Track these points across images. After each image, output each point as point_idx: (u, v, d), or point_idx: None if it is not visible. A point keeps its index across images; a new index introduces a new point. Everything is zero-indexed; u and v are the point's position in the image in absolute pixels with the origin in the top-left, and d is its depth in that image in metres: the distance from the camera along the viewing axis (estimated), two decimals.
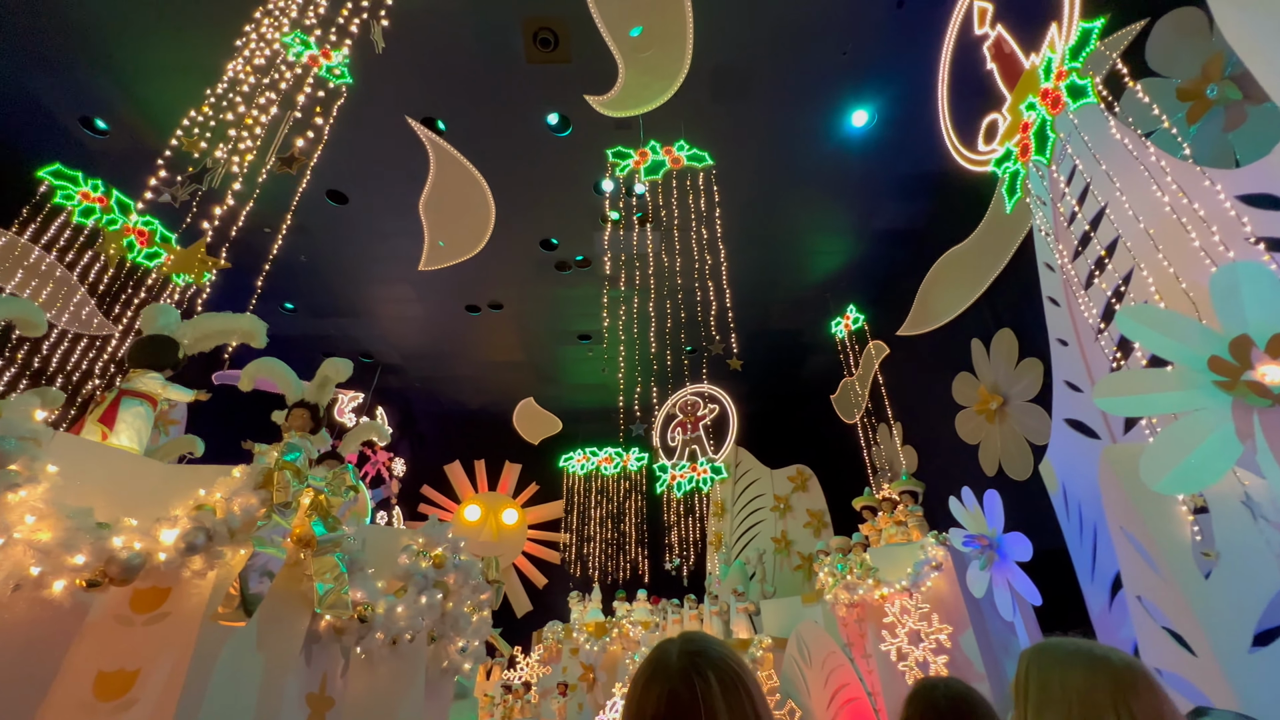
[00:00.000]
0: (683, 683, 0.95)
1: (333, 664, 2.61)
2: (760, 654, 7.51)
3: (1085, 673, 1.19)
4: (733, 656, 1.03)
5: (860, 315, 10.11)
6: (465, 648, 3.27)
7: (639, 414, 9.42)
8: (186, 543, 1.86)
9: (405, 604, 2.73)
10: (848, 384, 11.16)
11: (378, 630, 2.55)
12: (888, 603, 5.83)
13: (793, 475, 11.13)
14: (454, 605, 3.19)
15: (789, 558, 10.44)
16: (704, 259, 7.42)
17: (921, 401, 9.22)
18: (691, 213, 7.37)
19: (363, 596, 2.52)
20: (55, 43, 6.51)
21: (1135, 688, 1.14)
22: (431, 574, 3.03)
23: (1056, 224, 4.36)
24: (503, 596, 3.82)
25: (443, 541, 3.20)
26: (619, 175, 6.50)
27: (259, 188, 6.34)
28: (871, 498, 7.48)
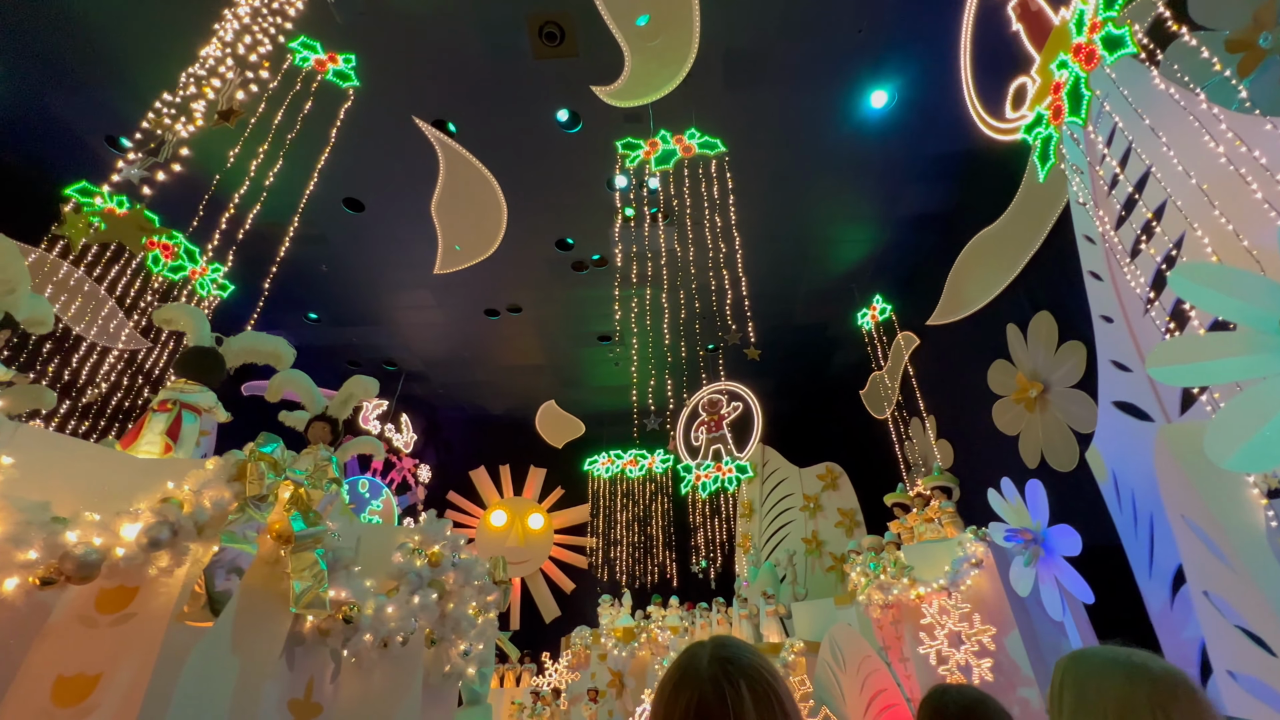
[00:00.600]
0: (713, 690, 0.93)
1: (320, 668, 2.50)
2: (792, 658, 7.22)
3: (1123, 681, 1.15)
4: (765, 664, 1.01)
5: (887, 305, 9.75)
6: (468, 651, 3.12)
7: (653, 406, 9.19)
8: (149, 538, 1.76)
9: (396, 604, 2.60)
10: (877, 378, 10.78)
11: (366, 632, 2.42)
12: (925, 603, 5.50)
13: (822, 473, 10.78)
14: (455, 606, 3.05)
15: (821, 559, 10.09)
16: (719, 248, 7.19)
17: (955, 393, 8.82)
18: (705, 202, 7.18)
19: (347, 596, 2.39)
20: (78, 65, 6.69)
21: (1175, 695, 1.10)
22: (426, 573, 2.91)
23: (1096, 190, 4.03)
24: (507, 598, 3.64)
25: (440, 539, 3.07)
26: (629, 166, 6.36)
27: (261, 187, 6.32)
28: (904, 494, 7.14)
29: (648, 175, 7.58)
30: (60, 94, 6.90)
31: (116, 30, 6.36)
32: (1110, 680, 1.17)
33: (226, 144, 6.44)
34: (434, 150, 7.47)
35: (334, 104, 6.21)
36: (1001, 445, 7.45)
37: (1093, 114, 3.82)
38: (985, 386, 7.76)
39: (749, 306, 8.21)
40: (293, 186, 8.36)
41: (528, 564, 13.21)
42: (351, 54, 5.75)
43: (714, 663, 0.98)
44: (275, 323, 11.11)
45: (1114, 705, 1.13)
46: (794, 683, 7.10)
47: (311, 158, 7.62)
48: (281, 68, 5.50)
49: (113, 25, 6.31)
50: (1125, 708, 1.12)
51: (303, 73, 5.52)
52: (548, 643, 11.85)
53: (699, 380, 11.71)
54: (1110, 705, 1.14)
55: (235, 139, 6.23)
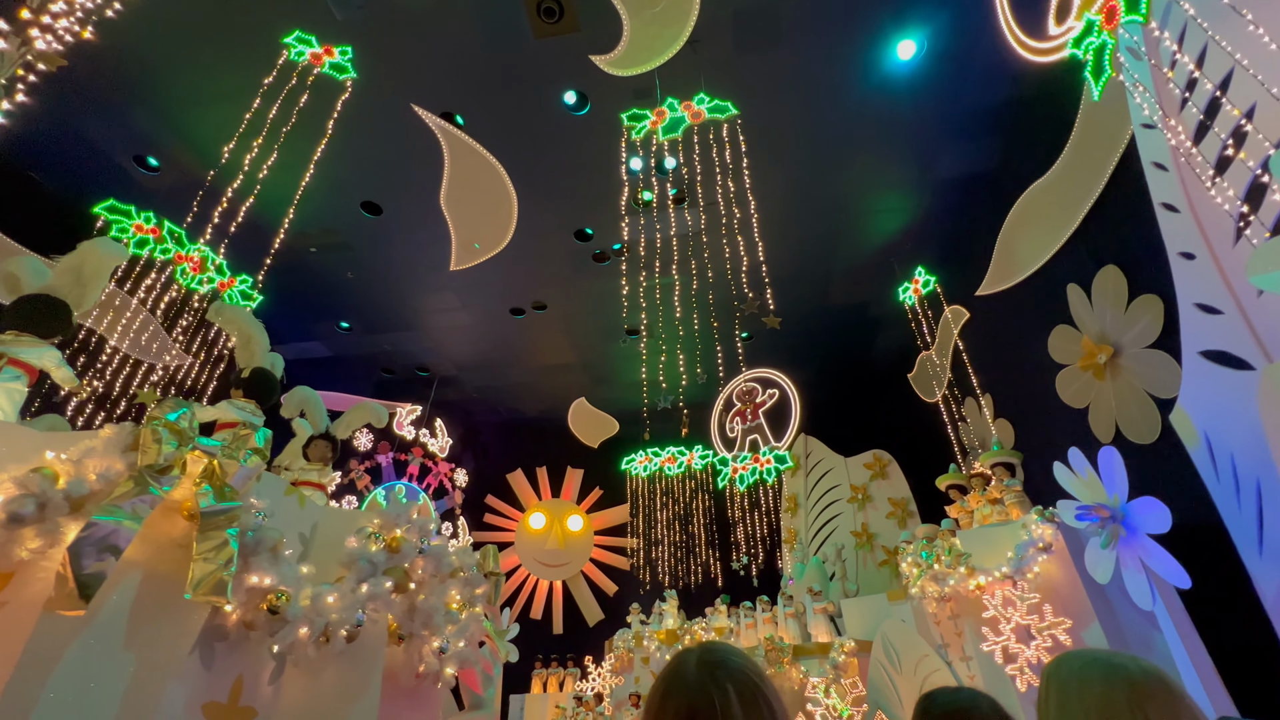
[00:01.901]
0: (700, 695, 0.94)
1: (254, 667, 2.26)
2: (843, 659, 6.67)
3: (1102, 683, 1.18)
4: (752, 668, 1.01)
5: (930, 277, 9.06)
6: (445, 648, 2.84)
7: (663, 383, 8.77)
8: (8, 513, 1.55)
9: (338, 593, 2.33)
10: (925, 358, 10.06)
11: (300, 624, 2.16)
12: (986, 594, 4.91)
13: (869, 462, 10.12)
14: (426, 598, 2.77)
15: (872, 552, 9.44)
16: (734, 215, 6.72)
17: (1013, 367, 8.07)
18: (726, 176, 6.76)
19: (274, 583, 2.13)
20: (103, 90, 6.88)
21: (1152, 694, 1.13)
22: (381, 559, 2.63)
23: (1165, 100, 3.44)
24: (499, 592, 3.35)
25: (404, 523, 2.80)
26: (635, 139, 6.04)
27: (257, 183, 6.29)
28: (959, 475, 6.50)
29: (664, 155, 7.25)
30: (89, 118, 7.13)
31: (135, 55, 6.50)
32: (1090, 682, 1.19)
33: (239, 150, 6.45)
34: (441, 144, 7.33)
35: (340, 102, 6.12)
36: (1069, 420, 6.71)
37: (1155, 8, 3.25)
38: (1046, 356, 7.03)
39: (771, 286, 7.72)
40: (312, 194, 8.45)
41: (568, 566, 13.01)
42: (348, 46, 5.65)
43: (701, 668, 0.99)
44: (309, 334, 11.33)
45: (1094, 707, 1.15)
46: (846, 685, 6.55)
47: (327, 160, 7.66)
48: (277, 62, 5.44)
49: (130, 50, 6.43)
50: (1105, 709, 1.14)
51: (298, 67, 5.44)
52: (591, 646, 11.60)
53: (735, 368, 11.24)
54: (1090, 707, 1.16)
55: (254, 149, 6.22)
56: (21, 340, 3.08)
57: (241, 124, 6.14)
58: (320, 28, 5.74)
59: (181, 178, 7.90)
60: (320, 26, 5.78)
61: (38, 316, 3.20)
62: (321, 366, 12.25)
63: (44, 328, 3.20)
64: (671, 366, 12.14)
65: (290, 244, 9.04)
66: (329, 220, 8.73)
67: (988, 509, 5.56)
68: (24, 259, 3.48)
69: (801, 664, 7.06)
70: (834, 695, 6.44)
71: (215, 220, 6.40)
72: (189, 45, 6.21)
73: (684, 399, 10.52)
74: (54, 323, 3.25)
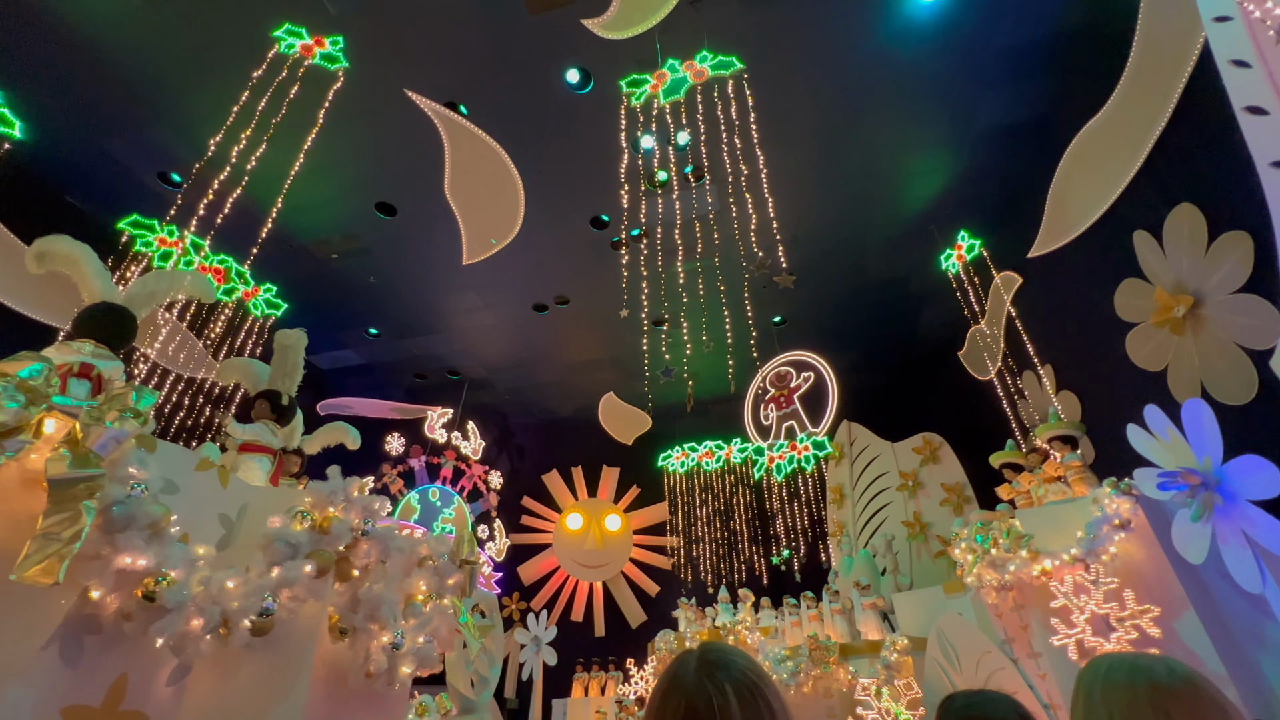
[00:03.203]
0: (699, 695, 0.94)
1: (144, 665, 1.99)
2: (895, 658, 6.10)
3: (1125, 684, 1.18)
4: (753, 668, 1.01)
5: (975, 241, 8.33)
6: (399, 644, 2.49)
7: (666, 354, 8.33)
8: None
9: (239, 578, 2.05)
10: (975, 333, 9.29)
11: (189, 614, 1.88)
12: (1053, 580, 4.29)
13: (918, 446, 9.40)
14: (372, 586, 2.47)
15: (927, 543, 8.74)
16: (743, 181, 6.22)
17: (1075, 333, 7.30)
18: (723, 129, 6.33)
19: (152, 565, 1.86)
20: (127, 109, 7.05)
21: (1176, 695, 1.11)
22: (304, 540, 2.35)
23: None
24: (474, 582, 3.03)
25: (338, 501, 2.51)
26: (635, 105, 5.70)
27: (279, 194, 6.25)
28: (1015, 452, 5.84)
29: (678, 131, 6.89)
30: (114, 138, 7.32)
31: (156, 74, 6.62)
32: (1114, 685, 1.19)
33: (246, 152, 6.46)
34: (439, 130, 7.16)
35: (331, 92, 6.03)
36: (1143, 387, 5.94)
37: None
38: (1113, 316, 6.28)
39: (801, 264, 7.23)
40: (328, 201, 8.50)
41: (608, 567, 12.71)
42: (339, 36, 5.55)
43: (701, 668, 1.00)
44: (341, 342, 11.47)
45: (1118, 708, 1.15)
46: (900, 686, 5.97)
47: (338, 164, 7.65)
48: (267, 56, 5.38)
49: (152, 70, 6.56)
50: (1128, 710, 1.14)
51: (289, 59, 5.36)
52: (635, 648, 11.26)
53: (769, 354, 10.72)
54: (1115, 708, 1.15)
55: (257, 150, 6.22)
56: (100, 352, 3.09)
57: (246, 127, 6.14)
58: (312, 20, 5.66)
59: (202, 189, 8.06)
60: (313, 19, 5.71)
61: (117, 330, 3.25)
62: (357, 375, 12.42)
63: (118, 342, 3.26)
64: (701, 355, 11.73)
65: (312, 252, 9.17)
66: (347, 225, 8.76)
67: (1042, 490, 4.91)
68: (85, 248, 3.51)
69: (850, 664, 6.52)
70: (886, 697, 5.88)
71: (217, 221, 6.40)
72: (188, 54, 6.26)
73: (727, 388, 10.06)
74: (126, 340, 3.33)
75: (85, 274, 3.45)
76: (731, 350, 9.04)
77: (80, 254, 3.49)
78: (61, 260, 3.51)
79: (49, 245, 3.48)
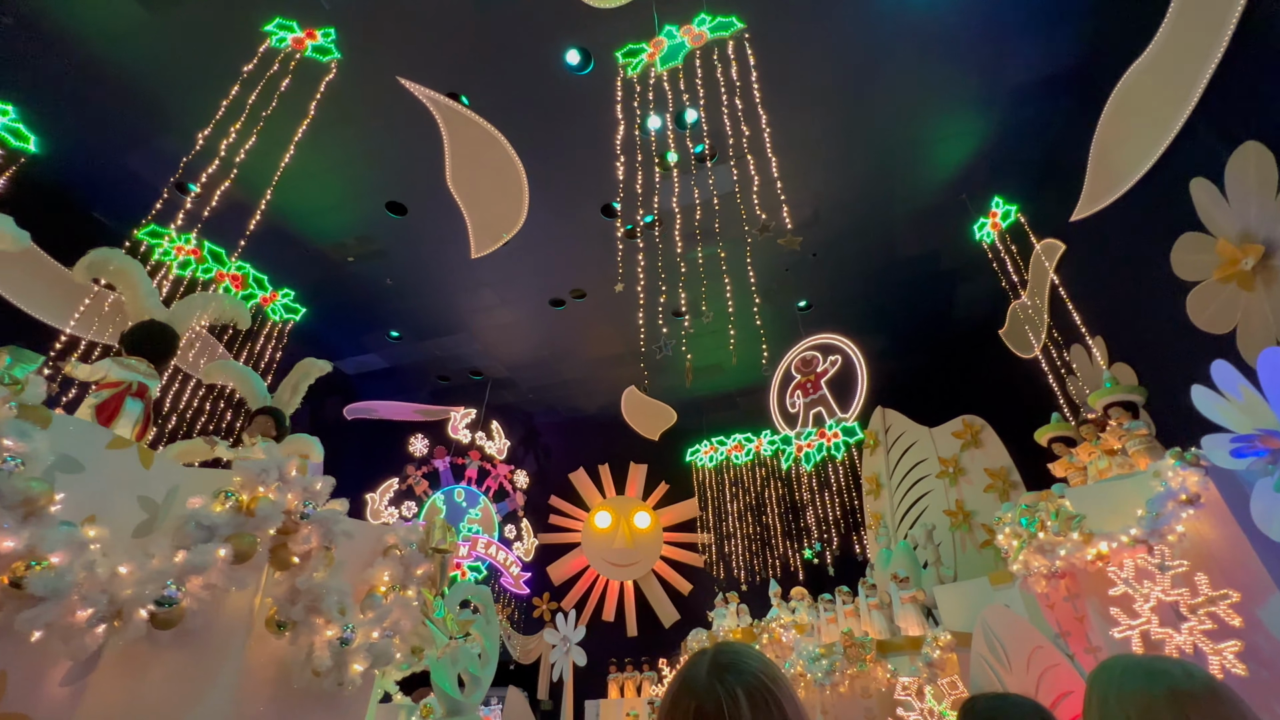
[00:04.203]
0: (709, 699, 0.93)
1: (27, 662, 1.79)
2: (938, 654, 5.66)
3: (1143, 689, 1.15)
4: (766, 670, 1.00)
5: (1010, 207, 7.77)
6: (347, 639, 2.26)
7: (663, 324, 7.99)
8: None
9: (134, 563, 1.84)
10: (1017, 307, 8.70)
11: (67, 603, 1.67)
12: (1111, 565, 3.83)
13: (958, 430, 8.84)
14: (312, 575, 2.26)
15: (971, 532, 8.19)
16: (749, 142, 5.81)
17: (1128, 299, 6.71)
18: (724, 92, 6.00)
19: (20, 547, 1.64)
20: (139, 122, 7.18)
21: (1196, 699, 1.09)
22: (224, 522, 2.14)
23: None
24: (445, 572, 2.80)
25: (273, 480, 2.32)
26: (632, 75, 5.44)
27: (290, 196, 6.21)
28: (1064, 425, 5.33)
29: (684, 108, 6.63)
30: (130, 151, 7.47)
31: (163, 83, 6.71)
32: (1130, 688, 1.16)
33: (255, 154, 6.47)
34: (436, 118, 7.03)
35: (341, 95, 5.96)
36: (1208, 350, 5.35)
37: None
38: (1170, 276, 5.71)
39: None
40: (341, 203, 8.52)
41: (638, 565, 12.47)
42: (331, 28, 5.47)
43: (713, 670, 0.98)
44: (364, 347, 11.56)
45: (1136, 711, 1.12)
46: (944, 685, 5.54)
47: (347, 163, 7.61)
48: (258, 51, 5.33)
49: (158, 78, 6.65)
50: (1146, 713, 1.11)
51: (281, 54, 5.31)
52: (668, 648, 10.99)
53: (794, 341, 10.32)
54: (1132, 711, 1.13)
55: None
56: (150, 372, 3.24)
57: (241, 125, 6.12)
58: (304, 14, 5.61)
59: (217, 198, 8.17)
60: (305, 14, 5.66)
61: (166, 351, 3.39)
62: (381, 379, 12.52)
63: (164, 361, 3.42)
64: (723, 345, 11.36)
65: (329, 256, 9.23)
66: (360, 227, 8.77)
67: (1104, 462, 4.43)
68: (137, 265, 3.61)
69: (889, 662, 6.09)
70: (930, 697, 5.46)
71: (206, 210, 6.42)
72: (191, 60, 6.30)
73: (754, 378, 9.68)
74: (170, 359, 3.47)
75: (137, 291, 3.54)
76: (765, 337, 8.68)
77: (134, 271, 3.58)
78: (113, 274, 3.61)
79: (104, 258, 3.57)
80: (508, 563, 11.23)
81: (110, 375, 3.13)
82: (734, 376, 12.72)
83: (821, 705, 6.62)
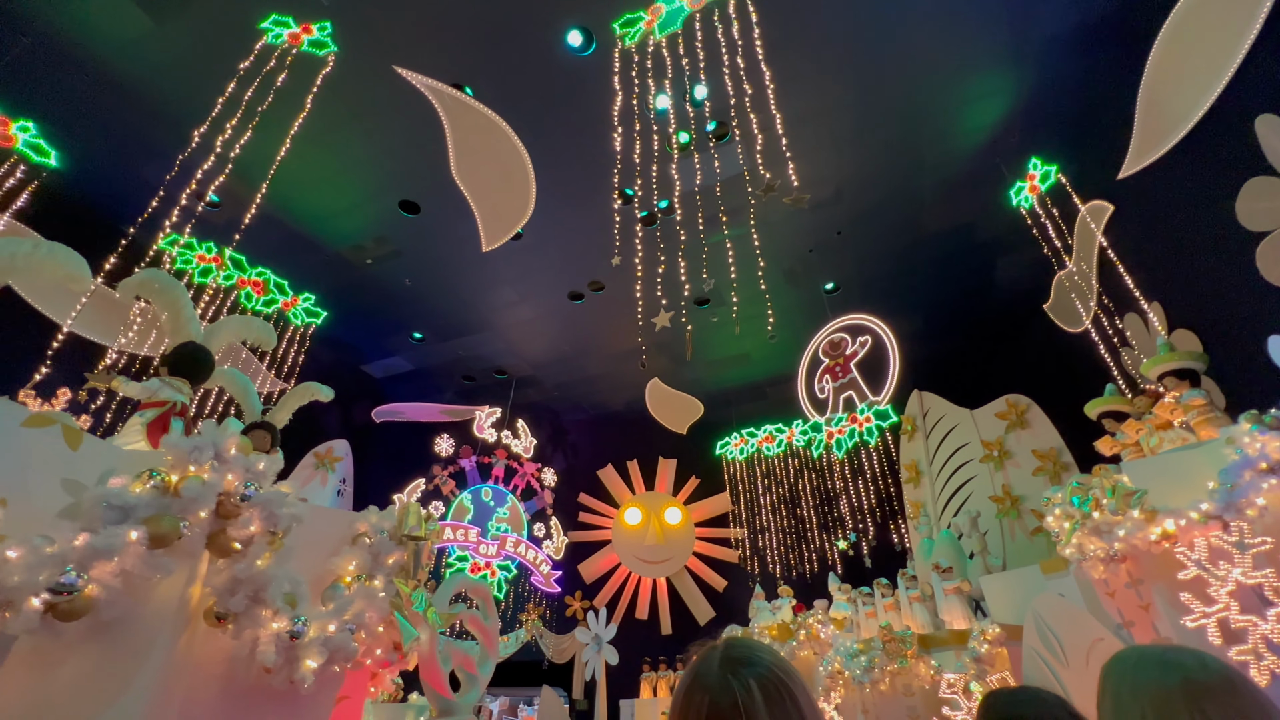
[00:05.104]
0: (723, 694, 0.91)
1: None
2: (986, 649, 5.26)
3: (1157, 681, 1.12)
4: (779, 664, 0.98)
5: (1049, 169, 7.23)
6: (298, 632, 2.09)
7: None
8: None
9: (24, 547, 1.67)
10: (1062, 278, 8.13)
11: None
12: (1178, 545, 3.41)
13: (1002, 411, 8.29)
14: (254, 561, 2.07)
15: (1020, 519, 7.66)
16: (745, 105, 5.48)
17: (1188, 258, 6.14)
18: (723, 66, 5.69)
19: None
20: (159, 136, 7.33)
21: (1212, 691, 1.07)
22: (142, 503, 1.97)
23: None
24: (419, 561, 2.60)
25: (206, 459, 2.15)
26: (630, 45, 5.21)
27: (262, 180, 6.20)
28: (1117, 398, 4.86)
29: (695, 84, 6.38)
30: (147, 160, 7.63)
31: (176, 94, 6.83)
32: (1145, 680, 1.14)
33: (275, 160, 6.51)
34: (454, 119, 6.96)
35: (345, 95, 5.92)
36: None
37: None
38: (1235, 228, 5.17)
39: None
40: (356, 205, 8.55)
41: (671, 562, 12.22)
42: (327, 21, 5.42)
43: (725, 664, 0.96)
44: (389, 350, 11.65)
45: (1150, 704, 1.10)
46: (994, 680, 5.13)
47: (357, 165, 7.60)
48: (255, 47, 5.32)
49: (173, 90, 6.77)
50: (1161, 707, 1.09)
51: (278, 49, 5.28)
52: None
53: (820, 325, 9.91)
54: (1146, 705, 1.10)
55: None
56: (189, 393, 3.45)
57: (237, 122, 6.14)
58: (300, 10, 5.58)
59: (239, 207, 8.28)
60: (303, 9, 5.63)
61: (205, 374, 3.59)
62: (408, 381, 12.62)
63: (201, 383, 3.61)
64: (747, 335, 11.05)
65: (347, 260, 9.29)
66: (375, 229, 8.79)
67: (1156, 439, 3.97)
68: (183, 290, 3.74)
69: (932, 657, 5.71)
70: (978, 694, 5.06)
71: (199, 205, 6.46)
72: (196, 65, 6.36)
73: (783, 367, 9.31)
74: (205, 381, 3.67)
75: (181, 315, 3.69)
76: (769, 300, 8.32)
77: (180, 296, 3.73)
78: (158, 293, 3.73)
79: (150, 279, 3.70)
80: (537, 561, 11.14)
81: (159, 395, 3.30)
82: (761, 366, 12.36)
83: (862, 704, 6.26)
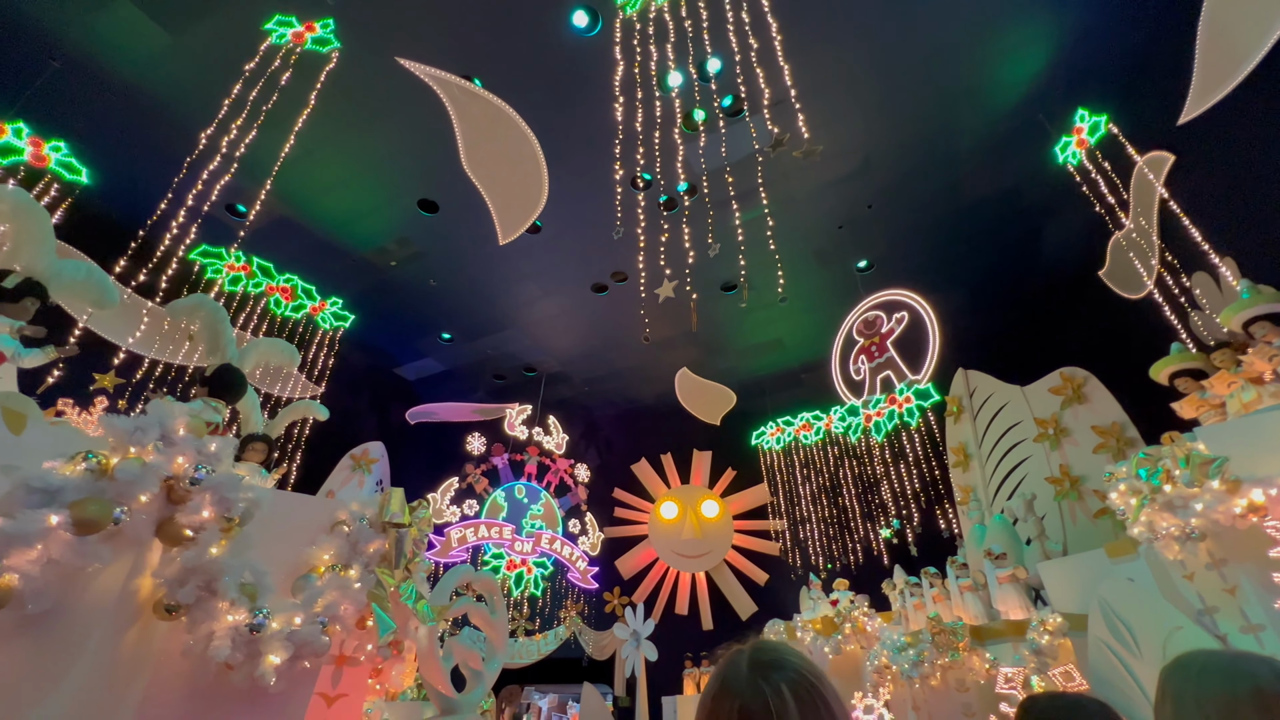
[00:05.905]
0: (754, 697, 0.90)
1: None
2: (1047, 640, 4.84)
3: (1224, 688, 1.06)
4: (808, 667, 0.96)
5: (1098, 119, 6.64)
6: (259, 624, 1.97)
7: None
8: None
9: None
10: (1119, 241, 7.50)
11: None
12: (1269, 518, 2.99)
13: (1056, 386, 7.69)
14: (206, 549, 1.95)
15: (1081, 500, 7.09)
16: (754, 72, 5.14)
17: (1264, 206, 5.55)
18: (729, 28, 5.39)
19: None
20: (186, 150, 7.52)
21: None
22: (67, 486, 1.82)
23: None
24: (402, 551, 2.44)
25: (150, 439, 1.99)
26: (631, 14, 4.99)
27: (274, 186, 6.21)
28: (1189, 355, 4.37)
29: (705, 58, 6.14)
30: (172, 172, 7.79)
31: (194, 104, 6.97)
32: (1210, 687, 1.08)
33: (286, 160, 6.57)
34: (461, 109, 6.87)
35: (354, 97, 5.92)
36: None
37: None
38: None
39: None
40: (376, 208, 8.60)
41: (709, 556, 11.95)
42: (330, 19, 5.40)
43: (753, 668, 0.94)
44: (419, 352, 11.76)
45: (1215, 712, 1.05)
46: (1058, 675, 4.71)
47: (375, 167, 7.63)
48: (260, 49, 5.33)
49: (191, 100, 6.91)
50: (1228, 717, 1.03)
51: (282, 49, 5.28)
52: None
53: (857, 300, 9.47)
54: (1211, 712, 1.05)
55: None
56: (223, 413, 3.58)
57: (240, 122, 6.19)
58: (305, 10, 5.58)
59: (266, 215, 8.44)
60: (306, 10, 5.63)
61: (239, 395, 3.72)
62: (440, 382, 12.73)
63: (233, 404, 3.72)
64: (777, 320, 10.72)
65: (371, 263, 9.39)
66: (397, 230, 8.84)
67: (1250, 393, 3.51)
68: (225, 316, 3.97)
69: (986, 650, 5.30)
70: (1041, 689, 4.65)
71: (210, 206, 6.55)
72: (211, 75, 6.45)
73: (817, 353, 8.95)
74: (238, 401, 3.78)
75: (221, 339, 3.86)
76: (779, 263, 7.98)
77: (223, 321, 3.93)
78: (205, 319, 3.92)
79: (199, 306, 3.92)
80: (574, 558, 11.06)
81: (204, 416, 3.39)
82: (795, 352, 11.96)
83: (913, 700, 5.89)
